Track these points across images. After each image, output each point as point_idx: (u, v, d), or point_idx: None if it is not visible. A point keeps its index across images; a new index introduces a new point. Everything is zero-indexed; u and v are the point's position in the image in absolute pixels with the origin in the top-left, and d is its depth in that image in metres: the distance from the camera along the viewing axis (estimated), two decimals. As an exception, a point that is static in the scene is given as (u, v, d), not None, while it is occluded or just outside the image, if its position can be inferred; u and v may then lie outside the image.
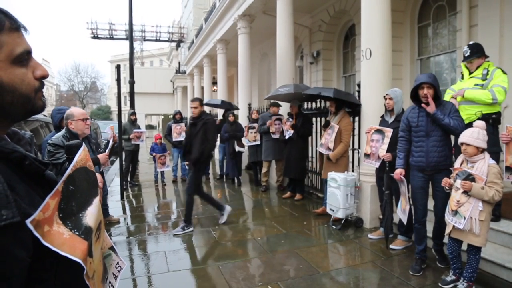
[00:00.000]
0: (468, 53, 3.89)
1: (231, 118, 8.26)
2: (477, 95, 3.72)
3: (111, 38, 26.35)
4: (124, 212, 6.15)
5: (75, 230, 0.78)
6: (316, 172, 6.61)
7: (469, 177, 2.89)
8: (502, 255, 3.40)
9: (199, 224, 5.28)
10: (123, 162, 7.46)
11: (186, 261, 3.95)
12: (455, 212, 2.98)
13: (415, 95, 3.48)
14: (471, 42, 4.02)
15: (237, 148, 8.11)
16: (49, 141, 3.30)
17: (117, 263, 1.18)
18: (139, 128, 8.24)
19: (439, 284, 3.19)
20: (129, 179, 8.26)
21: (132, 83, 11.19)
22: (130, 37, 11.26)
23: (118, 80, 6.00)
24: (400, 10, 7.60)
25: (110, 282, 1.10)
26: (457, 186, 2.95)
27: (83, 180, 0.87)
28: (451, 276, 3.17)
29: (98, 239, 0.91)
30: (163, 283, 3.43)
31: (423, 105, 3.37)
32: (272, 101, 7.48)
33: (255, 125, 7.64)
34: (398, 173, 3.59)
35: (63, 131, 3.44)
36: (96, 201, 0.91)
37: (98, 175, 1.03)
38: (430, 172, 3.42)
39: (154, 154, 8.18)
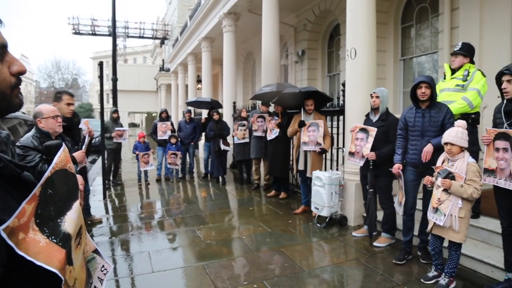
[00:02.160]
0: (458, 47, 3.99)
1: (215, 117, 8.22)
2: (455, 110, 3.80)
3: (94, 34, 25.87)
4: (107, 212, 6.06)
5: (53, 237, 0.73)
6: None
7: (449, 175, 2.96)
8: (481, 251, 3.49)
9: (183, 223, 5.24)
10: (105, 161, 7.36)
11: (171, 261, 3.91)
12: (435, 209, 3.06)
13: (413, 95, 3.63)
14: (467, 42, 4.11)
15: (223, 147, 8.08)
16: (17, 143, 3.01)
17: (102, 266, 1.15)
18: (121, 126, 8.13)
19: (422, 280, 3.25)
20: (111, 178, 8.15)
21: (115, 80, 11.03)
22: (113, 34, 11.09)
23: (101, 77, 5.88)
24: (384, 11, 7.71)
25: (95, 286, 1.07)
26: (438, 184, 3.02)
27: (62, 183, 0.83)
28: (433, 272, 3.24)
29: (79, 245, 0.88)
30: (148, 283, 3.39)
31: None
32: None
33: (245, 122, 7.60)
34: (397, 167, 3.77)
35: (32, 131, 3.14)
36: (76, 205, 0.87)
37: (78, 177, 0.99)
38: (422, 168, 3.59)
39: (137, 152, 8.07)
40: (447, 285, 3.06)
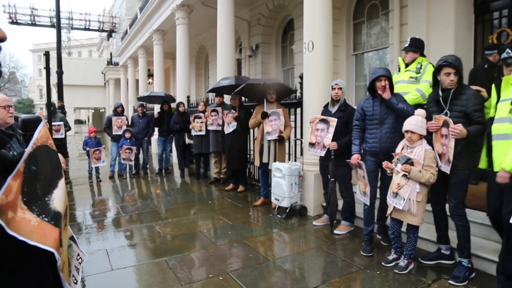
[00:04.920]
0: (407, 44, 4.18)
1: (181, 108, 8.05)
2: (409, 101, 3.99)
3: (34, 24, 24.09)
4: (56, 211, 5.68)
5: (43, 215, 0.67)
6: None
7: (408, 161, 3.10)
8: (434, 233, 3.68)
9: (141, 220, 5.05)
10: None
11: (131, 258, 3.75)
12: (395, 194, 3.19)
13: (371, 87, 3.70)
14: (417, 37, 4.30)
15: (188, 141, 7.93)
16: None
17: (78, 255, 1.07)
18: (61, 121, 7.54)
19: (382, 263, 3.39)
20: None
21: (60, 73, 10.39)
22: (57, 23, 10.43)
23: (47, 68, 5.46)
24: (337, 7, 7.92)
25: (73, 275, 0.98)
26: (398, 170, 3.16)
27: (45, 160, 0.76)
28: (393, 255, 3.40)
29: (65, 226, 0.81)
30: (108, 281, 3.22)
31: (379, 91, 3.61)
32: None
33: (202, 115, 7.45)
34: (356, 158, 3.78)
35: None
36: (62, 183, 0.82)
37: (59, 155, 0.91)
38: (382, 156, 3.60)
39: (87, 148, 7.65)
40: (406, 267, 3.21)
